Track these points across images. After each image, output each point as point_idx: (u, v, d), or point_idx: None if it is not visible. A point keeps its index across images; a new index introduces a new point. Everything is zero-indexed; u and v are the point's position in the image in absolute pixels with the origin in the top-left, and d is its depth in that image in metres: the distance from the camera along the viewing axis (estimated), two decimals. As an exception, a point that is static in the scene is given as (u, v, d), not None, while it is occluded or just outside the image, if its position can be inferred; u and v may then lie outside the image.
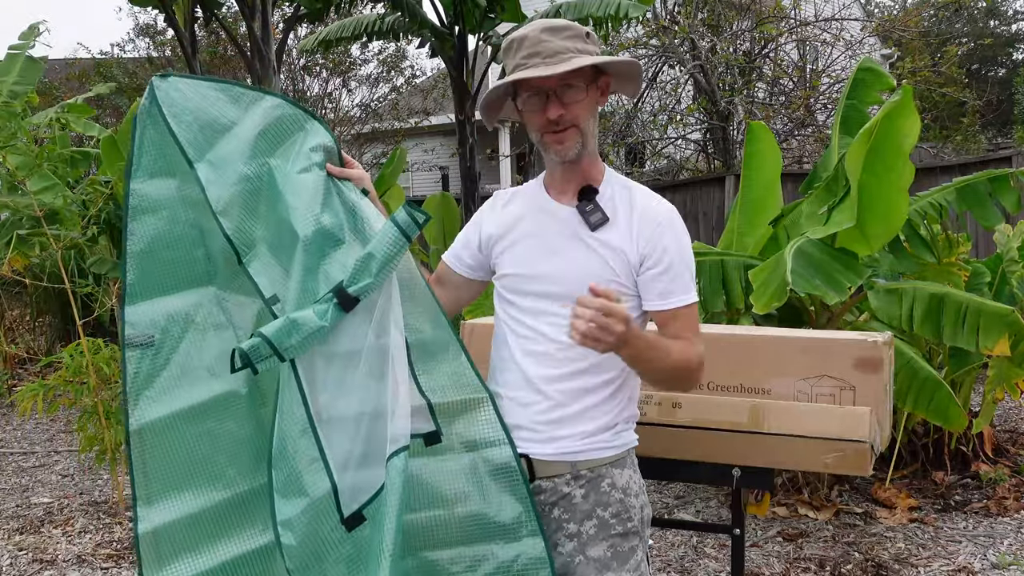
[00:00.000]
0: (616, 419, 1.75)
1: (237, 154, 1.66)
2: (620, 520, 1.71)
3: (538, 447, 1.72)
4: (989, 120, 16.77)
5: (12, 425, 6.47)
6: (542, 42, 1.66)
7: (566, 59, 1.64)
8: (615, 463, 1.74)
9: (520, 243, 1.79)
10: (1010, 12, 24.41)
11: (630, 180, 1.81)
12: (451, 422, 1.68)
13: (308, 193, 1.64)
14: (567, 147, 1.70)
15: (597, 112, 1.76)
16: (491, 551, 1.66)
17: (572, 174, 1.76)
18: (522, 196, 1.85)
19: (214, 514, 1.68)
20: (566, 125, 1.68)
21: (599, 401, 1.73)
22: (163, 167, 1.68)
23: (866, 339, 2.39)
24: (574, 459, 1.72)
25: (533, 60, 1.66)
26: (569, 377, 1.72)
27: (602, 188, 1.76)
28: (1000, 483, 4.24)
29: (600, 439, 1.72)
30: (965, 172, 5.48)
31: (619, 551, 1.69)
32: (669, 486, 4.47)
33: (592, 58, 1.67)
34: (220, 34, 12.76)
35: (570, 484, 1.71)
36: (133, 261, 1.67)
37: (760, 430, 2.30)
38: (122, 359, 1.66)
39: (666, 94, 11.43)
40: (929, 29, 15.22)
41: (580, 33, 1.69)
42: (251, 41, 8.65)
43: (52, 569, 3.76)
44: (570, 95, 1.67)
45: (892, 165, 3.47)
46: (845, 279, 3.48)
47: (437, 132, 16.88)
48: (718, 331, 2.67)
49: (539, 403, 1.73)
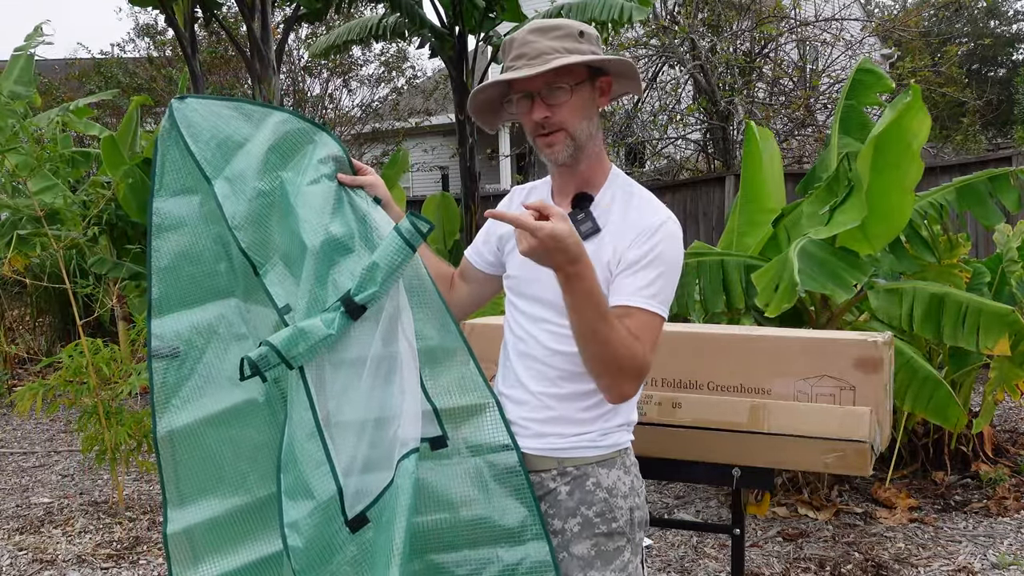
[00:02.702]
0: (606, 423, 1.72)
1: (251, 170, 1.71)
2: (604, 520, 1.69)
3: (526, 441, 1.72)
4: (989, 120, 16.76)
5: (12, 425, 6.47)
6: (528, 43, 1.62)
7: (549, 60, 1.58)
8: (602, 463, 1.71)
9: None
10: (1010, 12, 24.41)
11: (636, 185, 1.74)
12: (457, 427, 1.69)
13: (318, 203, 1.67)
14: (556, 150, 1.65)
15: (593, 113, 1.68)
16: (496, 554, 1.67)
17: (570, 177, 1.72)
18: (536, 194, 1.83)
19: (237, 517, 1.74)
20: (553, 128, 1.63)
21: (589, 405, 1.71)
22: (184, 186, 1.74)
23: (866, 339, 2.39)
24: (560, 455, 1.71)
25: (519, 62, 1.62)
26: (557, 382, 1.71)
27: (601, 193, 1.71)
28: (1000, 483, 4.24)
29: (586, 439, 1.71)
30: (965, 172, 5.48)
31: (603, 550, 1.68)
32: (669, 486, 4.47)
33: (574, 57, 1.60)
34: (221, 34, 12.74)
35: (556, 480, 1.71)
36: (157, 277, 1.74)
37: (760, 430, 2.30)
38: (148, 370, 1.73)
39: (666, 94, 11.43)
40: (929, 29, 15.23)
41: (571, 32, 1.63)
42: (251, 41, 8.64)
43: (52, 569, 3.76)
44: (555, 96, 1.61)
45: (899, 164, 3.46)
46: (851, 277, 3.48)
47: (437, 132, 16.88)
48: (718, 331, 2.67)
49: (529, 402, 1.73)
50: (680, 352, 2.59)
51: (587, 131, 1.66)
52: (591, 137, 1.68)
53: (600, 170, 1.73)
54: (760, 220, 4.45)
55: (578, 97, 1.64)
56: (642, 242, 1.63)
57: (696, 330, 2.80)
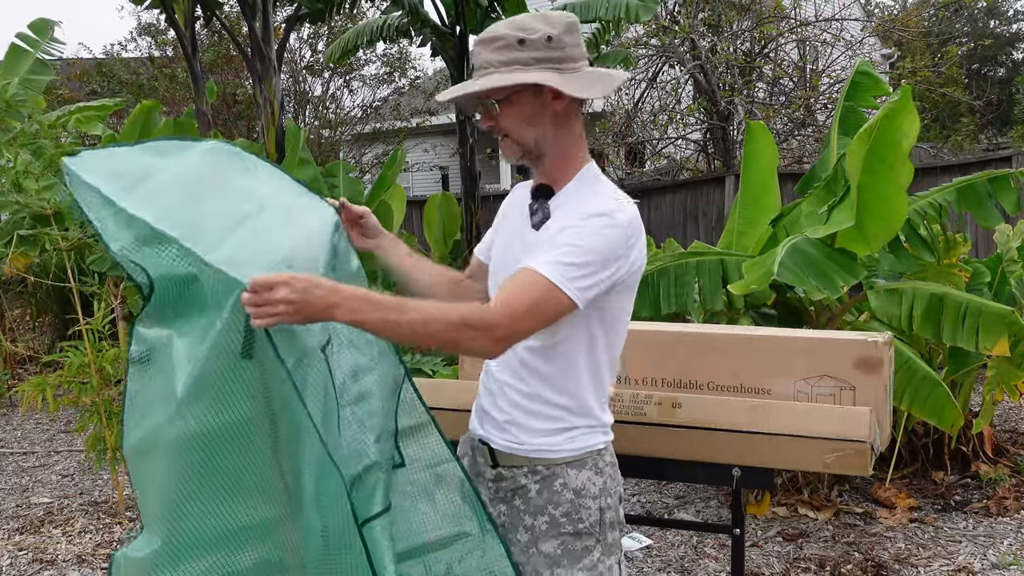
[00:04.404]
0: (573, 424, 1.72)
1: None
2: (570, 520, 1.71)
3: (498, 436, 1.77)
4: (989, 120, 16.77)
5: (12, 425, 6.47)
6: (475, 55, 1.67)
7: (481, 75, 1.65)
8: (572, 464, 1.72)
9: (500, 237, 1.88)
10: (1010, 12, 24.43)
11: (604, 182, 1.73)
12: (405, 446, 1.78)
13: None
14: (507, 154, 1.72)
15: (542, 120, 1.67)
16: (453, 557, 1.75)
17: (539, 175, 1.77)
18: (525, 190, 1.86)
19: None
20: (499, 134, 1.70)
21: (554, 407, 1.72)
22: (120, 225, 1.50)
23: (866, 339, 2.39)
24: (531, 455, 1.73)
25: (475, 73, 1.68)
26: (522, 380, 1.73)
27: (566, 189, 1.72)
28: (1000, 483, 4.24)
29: (553, 440, 1.72)
30: (965, 172, 5.48)
31: (570, 549, 1.70)
32: (669, 486, 4.47)
33: (488, 81, 1.62)
34: (223, 33, 12.74)
35: (527, 477, 1.74)
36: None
37: (760, 430, 2.31)
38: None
39: (666, 94, 11.43)
40: (929, 29, 15.22)
41: (511, 42, 1.62)
42: (252, 41, 8.65)
43: (52, 569, 3.77)
44: (490, 109, 1.67)
45: (891, 164, 3.47)
46: (840, 278, 3.48)
47: (437, 132, 16.87)
48: (718, 331, 2.68)
49: (499, 395, 1.77)
50: (680, 352, 2.59)
51: (534, 136, 1.68)
52: (546, 141, 1.69)
53: (568, 167, 1.73)
54: (760, 220, 4.45)
55: (516, 108, 1.66)
56: (573, 221, 1.63)
57: (696, 330, 2.80)
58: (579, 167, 1.73)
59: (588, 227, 1.59)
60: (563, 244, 1.59)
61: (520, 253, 1.70)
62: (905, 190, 3.55)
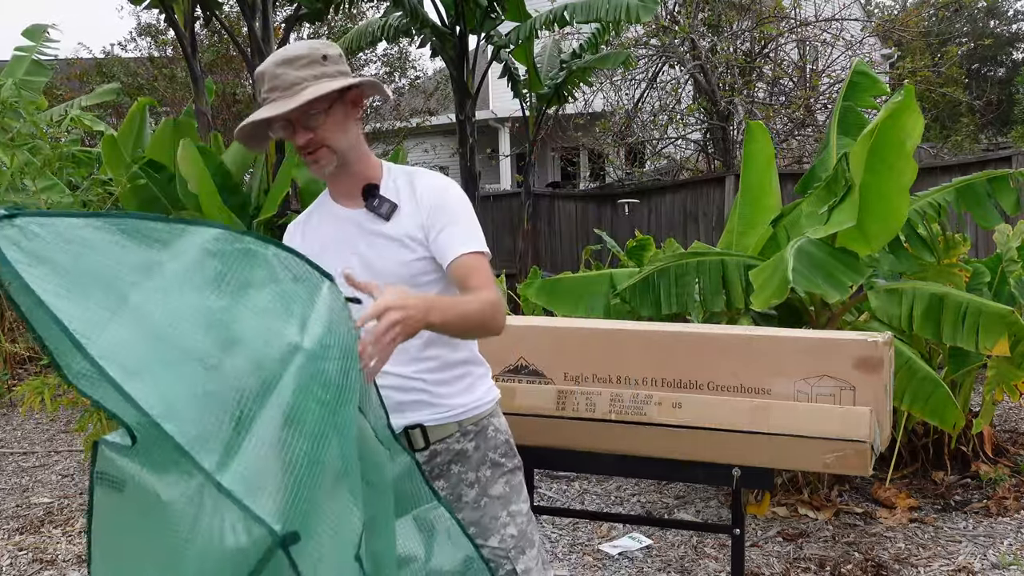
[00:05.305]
0: (476, 374, 1.93)
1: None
2: (508, 456, 1.94)
3: (427, 413, 1.87)
4: (989, 120, 16.76)
5: (12, 425, 6.47)
6: (278, 76, 1.75)
7: (300, 90, 1.73)
8: (492, 413, 1.95)
9: (328, 251, 1.83)
10: (1010, 12, 24.41)
11: (413, 167, 1.93)
12: None
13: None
14: (321, 165, 1.81)
15: (350, 125, 1.83)
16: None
17: (347, 179, 1.86)
18: (316, 213, 1.95)
19: None
20: (316, 147, 1.79)
21: (458, 364, 1.89)
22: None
23: (866, 339, 2.39)
24: (458, 419, 1.89)
25: (273, 95, 1.74)
26: (425, 358, 1.86)
27: (384, 180, 1.88)
28: (1000, 483, 4.24)
29: (472, 399, 1.91)
30: (965, 172, 5.47)
31: (513, 484, 1.92)
32: (669, 486, 4.47)
33: (323, 88, 1.73)
34: (223, 33, 12.74)
35: (460, 441, 1.90)
36: None
37: (760, 430, 2.31)
38: None
39: (666, 94, 11.43)
40: (929, 29, 15.21)
41: (316, 58, 1.76)
42: (251, 41, 8.64)
43: (52, 569, 3.77)
44: (313, 121, 1.76)
45: (894, 164, 3.47)
46: (846, 278, 3.48)
47: (437, 132, 16.87)
48: (718, 331, 2.68)
49: (409, 384, 1.86)
50: (680, 352, 2.59)
51: (347, 142, 1.83)
52: (353, 146, 1.85)
53: (372, 164, 1.90)
54: (760, 220, 4.45)
55: (333, 117, 1.79)
56: (440, 202, 1.84)
57: (696, 330, 2.80)
58: (379, 164, 1.91)
59: (451, 198, 1.85)
60: (455, 220, 1.81)
61: (387, 246, 1.82)
62: (907, 190, 3.54)
